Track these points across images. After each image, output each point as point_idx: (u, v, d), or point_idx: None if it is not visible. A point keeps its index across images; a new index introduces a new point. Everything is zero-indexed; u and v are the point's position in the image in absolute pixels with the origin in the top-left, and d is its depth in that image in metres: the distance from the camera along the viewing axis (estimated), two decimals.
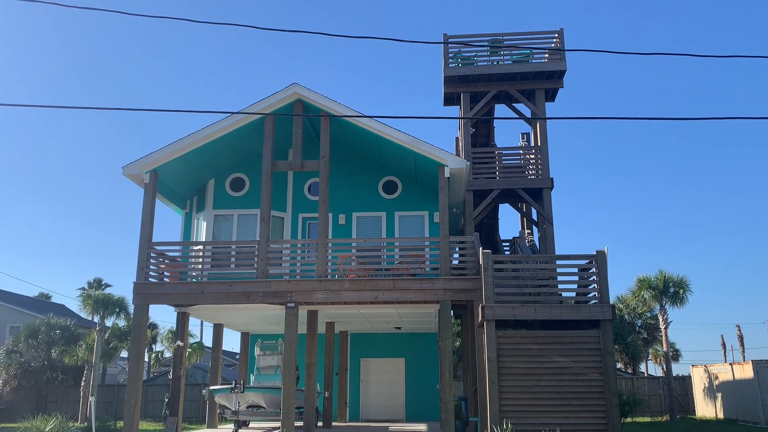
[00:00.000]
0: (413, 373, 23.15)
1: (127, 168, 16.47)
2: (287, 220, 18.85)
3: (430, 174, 17.26)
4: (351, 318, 19.58)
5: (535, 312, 13.51)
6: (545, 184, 18.83)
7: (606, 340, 13.15)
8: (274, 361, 19.23)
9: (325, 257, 15.89)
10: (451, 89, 20.08)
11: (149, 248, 16.16)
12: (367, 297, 15.57)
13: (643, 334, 37.77)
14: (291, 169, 16.98)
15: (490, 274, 13.82)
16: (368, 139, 17.54)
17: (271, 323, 20.20)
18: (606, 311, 13.28)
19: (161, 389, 32.84)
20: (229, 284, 15.74)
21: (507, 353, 13.30)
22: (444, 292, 15.33)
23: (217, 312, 18.18)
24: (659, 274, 30.12)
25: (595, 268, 13.80)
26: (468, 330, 18.92)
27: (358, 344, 23.40)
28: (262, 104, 16.63)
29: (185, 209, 19.24)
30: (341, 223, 18.76)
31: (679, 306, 30.03)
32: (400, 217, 18.85)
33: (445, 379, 14.90)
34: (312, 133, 18.92)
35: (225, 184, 19.01)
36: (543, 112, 19.49)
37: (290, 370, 15.16)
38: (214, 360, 20.21)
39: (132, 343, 15.81)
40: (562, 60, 19.21)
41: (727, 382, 28.98)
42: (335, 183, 18.72)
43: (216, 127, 16.60)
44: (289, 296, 15.53)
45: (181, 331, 17.33)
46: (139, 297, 15.82)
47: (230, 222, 18.62)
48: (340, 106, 16.50)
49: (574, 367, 13.11)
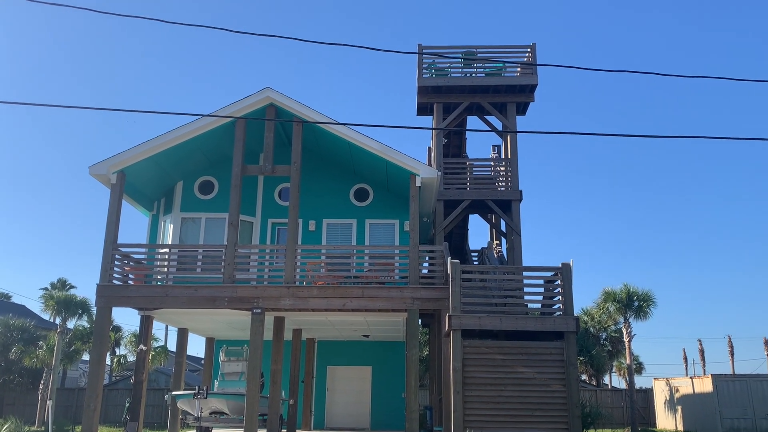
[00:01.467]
0: (380, 381, 23.09)
1: (93, 168, 16.20)
2: (256, 225, 18.72)
3: (401, 183, 17.32)
4: (318, 325, 19.48)
5: (501, 322, 13.62)
6: (514, 196, 19.04)
7: (569, 352, 13.31)
8: (238, 368, 19.02)
9: (294, 263, 15.81)
10: (424, 99, 20.22)
11: (114, 250, 15.89)
12: (335, 304, 15.52)
13: (608, 347, 38.32)
14: (261, 173, 16.89)
15: (457, 283, 13.91)
16: (341, 146, 17.54)
17: (236, 329, 19.99)
18: (570, 323, 13.45)
19: (123, 393, 32.21)
20: (194, 288, 15.55)
21: (472, 363, 13.37)
22: (412, 300, 15.36)
23: (182, 316, 17.94)
24: (624, 287, 30.60)
25: (560, 280, 13.98)
26: (435, 339, 18.98)
27: (324, 352, 23.27)
28: (234, 107, 16.52)
29: (152, 211, 18.97)
30: (311, 230, 18.70)
31: (643, 319, 30.54)
32: (371, 225, 18.86)
33: (410, 387, 14.89)
34: (284, 138, 18.85)
35: (194, 187, 18.80)
36: (514, 125, 19.72)
37: (255, 377, 15.01)
38: (178, 365, 19.90)
39: (93, 346, 15.50)
40: (533, 74, 19.50)
41: (688, 395, 29.55)
42: (306, 189, 18.66)
43: (187, 128, 16.44)
44: (255, 302, 15.40)
45: (145, 335, 17.05)
46: (102, 299, 15.53)
47: (198, 225, 18.42)
48: (313, 112, 16.48)
49: (538, 378, 13.24)
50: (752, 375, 27.54)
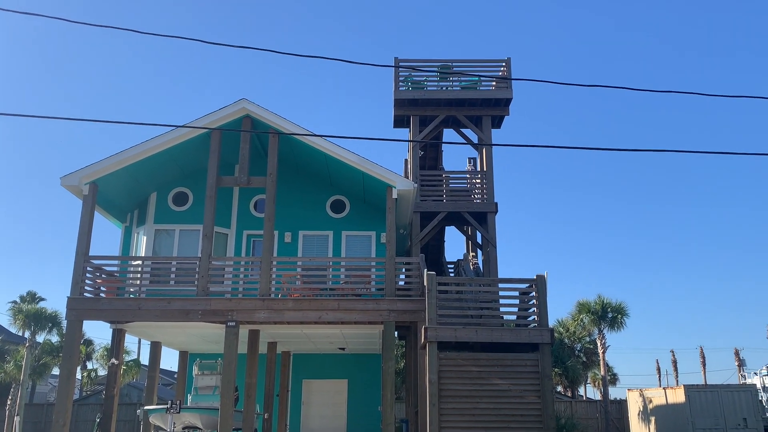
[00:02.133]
0: (356, 394, 22.93)
1: (65, 179, 15.93)
2: (231, 237, 18.55)
3: (378, 195, 17.32)
4: (294, 338, 19.31)
5: (477, 334, 13.64)
6: (490, 208, 19.15)
7: (544, 364, 13.37)
8: (212, 381, 18.75)
9: (269, 275, 15.68)
10: (401, 112, 20.30)
11: (86, 262, 15.61)
12: (311, 317, 15.41)
13: (582, 358, 38.61)
14: (237, 184, 16.77)
15: (434, 295, 13.92)
16: (317, 158, 17.50)
17: (210, 342, 19.74)
18: (545, 335, 13.52)
19: (93, 409, 31.54)
20: (167, 301, 15.33)
21: (448, 375, 13.36)
22: (388, 313, 15.31)
23: (155, 329, 17.66)
24: (598, 298, 30.94)
25: (535, 292, 14.07)
26: (412, 351, 18.94)
27: (300, 365, 23.06)
28: (209, 118, 16.40)
29: (125, 222, 18.70)
30: (287, 241, 18.58)
31: (617, 330, 30.91)
32: (347, 237, 18.81)
33: (386, 400, 14.81)
34: (260, 149, 18.76)
35: (168, 198, 18.59)
36: (489, 138, 19.88)
37: (229, 391, 14.80)
38: (150, 379, 19.55)
39: (63, 360, 15.16)
40: (508, 88, 19.71)
41: (661, 406, 29.87)
42: (282, 200, 18.55)
43: (161, 139, 16.28)
44: (229, 315, 15.22)
45: (117, 349, 16.75)
46: (72, 312, 15.22)
47: (172, 237, 18.19)
48: (289, 123, 16.43)
49: (513, 390, 13.27)
50: (723, 385, 27.97)
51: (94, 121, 8.49)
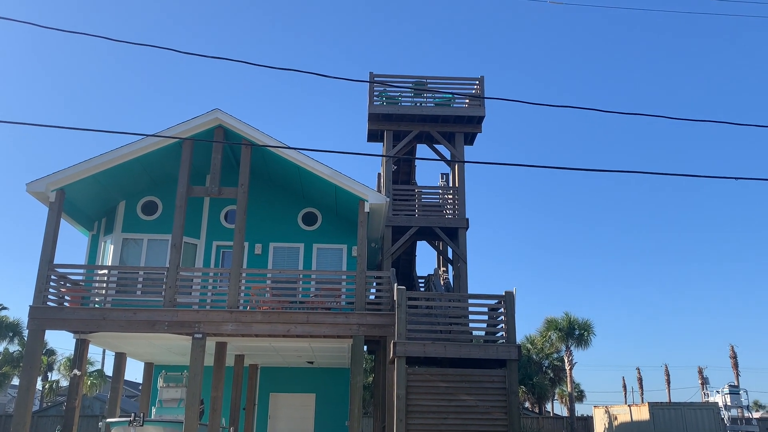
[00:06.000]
0: (323, 409, 22.75)
1: (31, 185, 15.62)
2: (200, 248, 18.35)
3: (350, 208, 17.33)
4: (262, 351, 19.12)
5: (445, 350, 13.67)
6: (461, 224, 19.30)
7: (511, 380, 13.45)
8: (177, 394, 18.44)
9: (238, 287, 15.54)
10: (375, 126, 20.40)
11: (50, 270, 15.30)
12: (280, 330, 15.29)
13: (550, 374, 38.90)
14: (207, 195, 16.63)
15: (403, 310, 13.92)
16: (289, 170, 17.46)
17: (177, 354, 19.43)
18: (512, 351, 13.61)
19: (54, 421, 30.76)
20: (133, 312, 15.08)
21: (416, 390, 13.35)
22: (358, 327, 15.27)
23: (120, 340, 17.34)
24: (565, 315, 31.30)
25: (503, 308, 14.17)
26: (381, 366, 18.88)
27: (268, 378, 22.83)
28: (181, 128, 16.28)
29: (92, 231, 18.38)
30: (257, 253, 18.45)
31: (583, 347, 31.28)
32: (319, 250, 18.75)
33: (354, 415, 14.73)
34: (232, 160, 18.66)
35: (137, 207, 18.34)
36: (462, 155, 20.08)
37: (194, 404, 14.58)
38: (114, 390, 19.16)
39: (24, 371, 14.78)
40: (481, 106, 19.95)
41: (626, 423, 30.23)
42: (253, 212, 18.45)
43: (131, 147, 16.09)
44: (196, 327, 15.03)
45: (80, 360, 16.39)
46: (34, 321, 14.89)
47: (140, 246, 17.93)
48: (262, 134, 16.39)
49: (480, 406, 13.31)
50: (686, 403, 28.49)
51: (60, 127, 8.38)
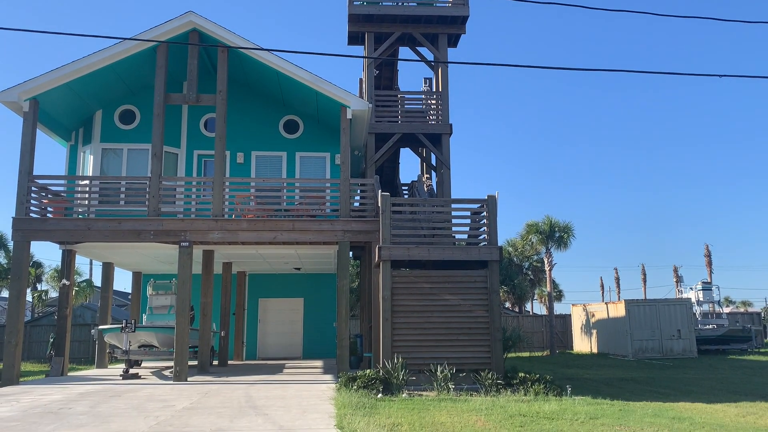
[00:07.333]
0: (312, 312, 23.47)
1: (3, 94, 15.17)
2: (181, 157, 18.17)
3: (332, 115, 17.10)
4: (249, 258, 19.42)
5: (429, 253, 13.97)
6: (444, 129, 19.17)
7: (492, 279, 13.87)
8: (167, 301, 18.86)
9: (222, 196, 15.54)
10: (355, 28, 19.76)
11: (30, 182, 15.15)
12: (266, 237, 15.46)
13: (530, 276, 40.11)
14: (185, 102, 16.28)
15: (387, 216, 14.09)
16: (269, 76, 17.05)
17: (164, 263, 19.69)
18: (494, 252, 13.95)
19: (46, 330, 31.39)
20: (118, 221, 15.11)
21: (401, 292, 13.75)
22: (343, 233, 15.48)
23: (107, 250, 17.48)
24: (546, 218, 31.85)
25: (486, 211, 14.38)
26: (366, 270, 19.32)
27: (256, 285, 23.35)
28: (154, 32, 15.69)
29: (70, 141, 18.05)
30: (239, 162, 18.33)
31: (563, 249, 32.07)
32: (302, 158, 18.65)
33: (341, 317, 15.22)
34: (209, 66, 18.13)
35: (114, 117, 17.96)
36: (445, 57, 19.64)
37: (184, 310, 14.93)
38: (104, 300, 19.51)
39: (12, 281, 14.94)
40: (465, 5, 19.33)
41: (602, 320, 31.54)
42: (233, 120, 18.17)
43: (104, 54, 15.56)
44: (183, 235, 15.14)
45: (67, 270, 16.56)
46: (18, 233, 14.90)
47: (120, 156, 17.70)
48: (238, 37, 15.85)
49: (463, 305, 13.78)
50: (661, 300, 29.57)
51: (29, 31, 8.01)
